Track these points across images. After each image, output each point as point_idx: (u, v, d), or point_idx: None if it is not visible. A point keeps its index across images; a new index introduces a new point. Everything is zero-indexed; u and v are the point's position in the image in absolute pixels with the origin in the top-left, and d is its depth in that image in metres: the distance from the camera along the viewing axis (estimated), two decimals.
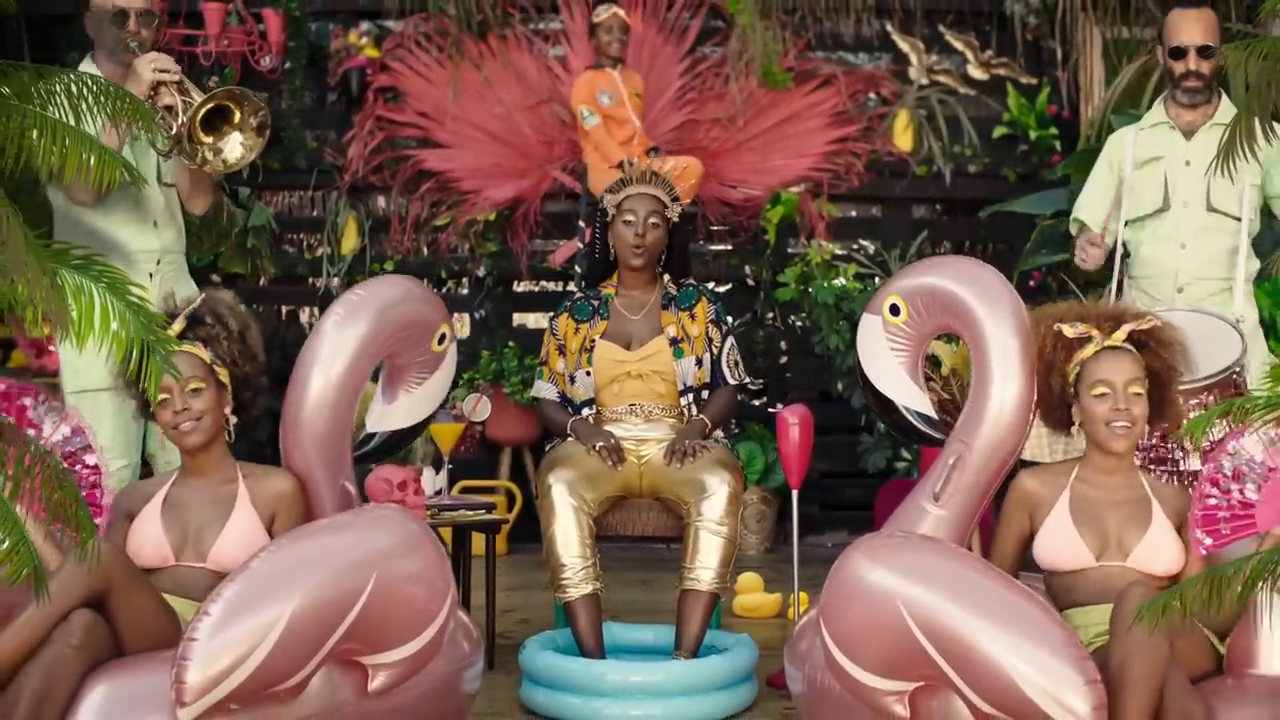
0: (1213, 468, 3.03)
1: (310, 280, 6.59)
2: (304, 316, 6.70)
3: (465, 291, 6.64)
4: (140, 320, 3.10)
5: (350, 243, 6.53)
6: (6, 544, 2.65)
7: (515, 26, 6.61)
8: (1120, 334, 3.10)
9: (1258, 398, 2.68)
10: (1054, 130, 6.58)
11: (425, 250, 6.57)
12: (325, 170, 6.54)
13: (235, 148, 3.65)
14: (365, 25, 6.67)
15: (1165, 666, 2.69)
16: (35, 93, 2.94)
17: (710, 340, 3.99)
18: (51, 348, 5.33)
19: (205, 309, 3.21)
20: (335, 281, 6.49)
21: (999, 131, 6.68)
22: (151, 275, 3.82)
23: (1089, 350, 3.10)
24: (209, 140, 3.63)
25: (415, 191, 6.53)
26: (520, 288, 6.77)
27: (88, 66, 3.89)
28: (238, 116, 3.63)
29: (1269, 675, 2.83)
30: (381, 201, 6.67)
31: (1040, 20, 6.59)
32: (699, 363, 3.96)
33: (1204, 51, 4.02)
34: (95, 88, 2.97)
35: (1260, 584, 2.51)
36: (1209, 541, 2.99)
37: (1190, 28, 4.05)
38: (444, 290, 6.63)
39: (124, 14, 3.76)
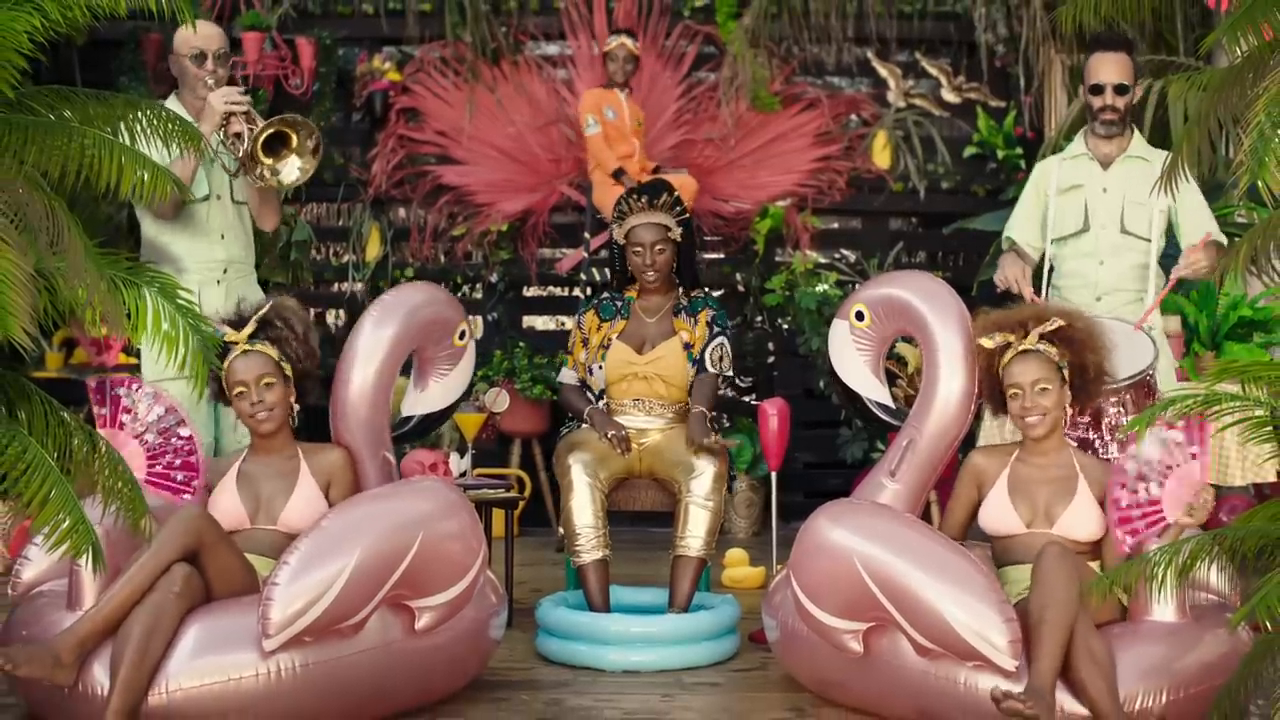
0: (1118, 475, 3.41)
1: (336, 285, 6.96)
2: (330, 319, 7.03)
3: (479, 296, 6.94)
4: (189, 321, 3.57)
5: (374, 251, 6.86)
6: (67, 523, 3.04)
7: (526, 52, 6.94)
8: (1031, 338, 3.55)
9: (1193, 396, 3.06)
10: (1019, 150, 6.90)
11: (443, 258, 6.90)
12: (351, 184, 6.88)
13: (292, 171, 4.16)
14: (388, 51, 6.93)
15: (1074, 612, 3.18)
16: (95, 116, 3.26)
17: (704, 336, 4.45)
18: (110, 345, 5.80)
19: (273, 314, 3.66)
20: (360, 286, 6.83)
21: (969, 151, 7.00)
22: (219, 282, 4.33)
23: (1007, 356, 3.56)
24: (269, 161, 4.14)
25: (434, 204, 6.85)
26: (529, 292, 7.05)
27: (173, 101, 4.37)
28: (295, 141, 4.15)
29: (1161, 622, 3.35)
30: (402, 213, 6.97)
31: (1007, 49, 6.93)
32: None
33: (1119, 89, 4.46)
34: (152, 113, 3.35)
35: (1198, 564, 2.95)
36: (1130, 541, 3.40)
37: (1108, 68, 4.48)
38: (459, 294, 6.88)
39: (202, 55, 4.31)
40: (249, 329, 3.62)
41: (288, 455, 3.65)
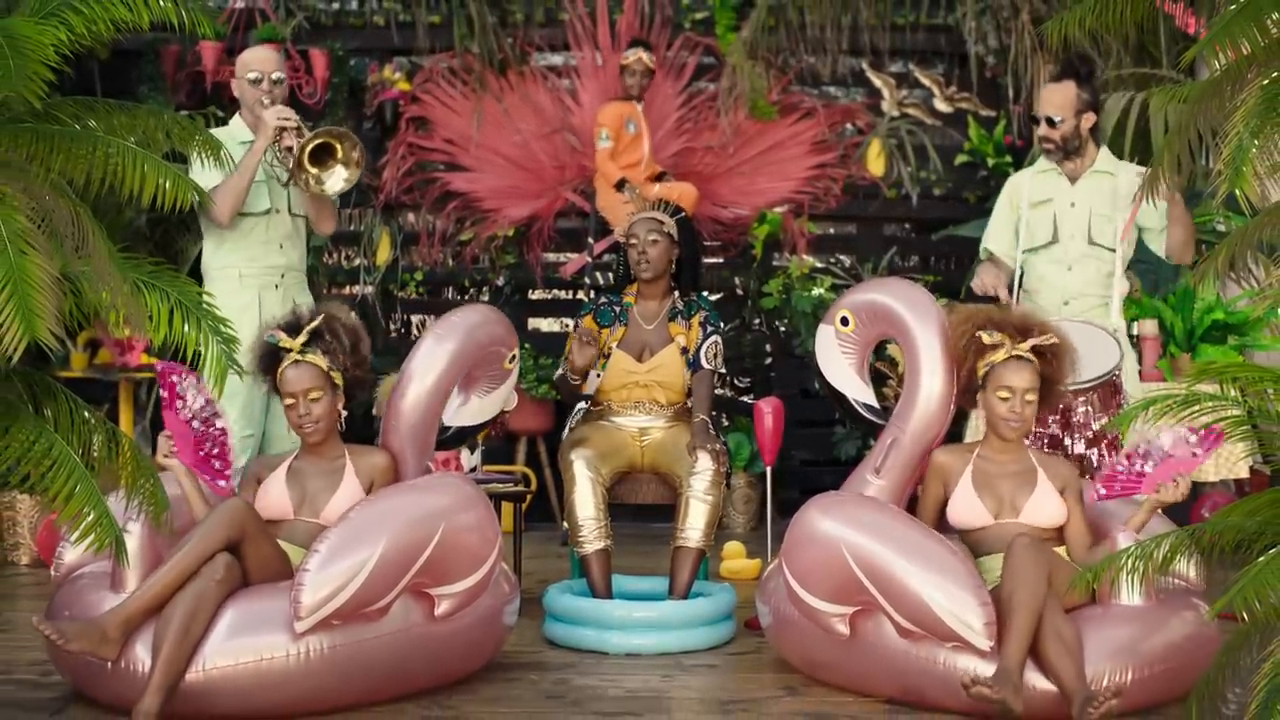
0: (1130, 446, 3.65)
1: (348, 288, 7.13)
2: None
3: (485, 299, 7.09)
4: (209, 323, 3.73)
5: (384, 255, 7.06)
6: (91, 517, 3.19)
7: (531, 63, 7.13)
8: (1025, 345, 3.73)
9: (1173, 396, 3.16)
10: (1009, 158, 7.06)
11: (450, 262, 7.10)
12: (362, 190, 7.00)
13: (338, 181, 4.46)
14: (398, 61, 7.15)
15: (1043, 595, 3.39)
16: (119, 126, 3.35)
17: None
18: (133, 345, 5.99)
19: (324, 325, 3.77)
20: (370, 289, 7.02)
21: (961, 159, 7.20)
22: (277, 287, 4.63)
23: (999, 355, 3.72)
24: (314, 170, 4.43)
25: (442, 209, 7.05)
26: (535, 296, 7.25)
27: (237, 119, 4.72)
28: (340, 151, 4.43)
29: (1128, 606, 3.54)
30: (412, 218, 7.17)
31: (997, 60, 7.14)
32: None
33: (1049, 121, 4.67)
34: (175, 123, 3.48)
35: (1178, 556, 3.07)
36: (1102, 491, 3.67)
37: (1044, 101, 4.72)
38: (465, 297, 7.13)
39: (259, 79, 4.62)
40: (301, 339, 3.74)
41: (335, 456, 3.81)
